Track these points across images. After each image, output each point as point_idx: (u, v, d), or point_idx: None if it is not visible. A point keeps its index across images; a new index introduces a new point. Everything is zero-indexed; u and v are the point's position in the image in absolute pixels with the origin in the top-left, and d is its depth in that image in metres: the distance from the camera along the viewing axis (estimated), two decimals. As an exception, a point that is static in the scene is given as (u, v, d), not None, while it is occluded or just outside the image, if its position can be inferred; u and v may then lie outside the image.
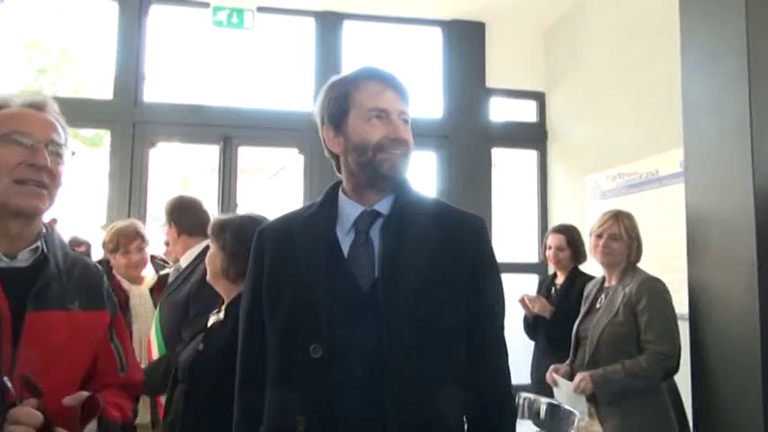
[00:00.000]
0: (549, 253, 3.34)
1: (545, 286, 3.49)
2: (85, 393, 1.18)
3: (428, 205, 1.35)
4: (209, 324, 1.85)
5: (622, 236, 2.47)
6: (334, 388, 1.18)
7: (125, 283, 2.79)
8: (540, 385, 2.99)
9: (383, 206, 1.30)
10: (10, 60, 5.13)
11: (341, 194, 1.34)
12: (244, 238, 1.80)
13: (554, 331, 3.10)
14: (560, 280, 3.36)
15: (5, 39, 4.59)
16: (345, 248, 1.27)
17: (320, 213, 1.33)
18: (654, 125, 3.65)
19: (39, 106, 1.26)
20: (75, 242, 3.58)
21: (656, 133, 3.61)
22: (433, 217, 1.31)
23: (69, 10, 6.52)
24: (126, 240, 2.82)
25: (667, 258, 3.38)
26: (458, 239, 1.29)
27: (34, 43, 8.62)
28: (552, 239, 3.34)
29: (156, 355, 2.30)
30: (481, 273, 1.30)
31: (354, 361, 1.19)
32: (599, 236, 2.51)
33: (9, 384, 1.07)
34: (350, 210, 1.31)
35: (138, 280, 2.86)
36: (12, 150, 1.17)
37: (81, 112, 4.64)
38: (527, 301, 3.26)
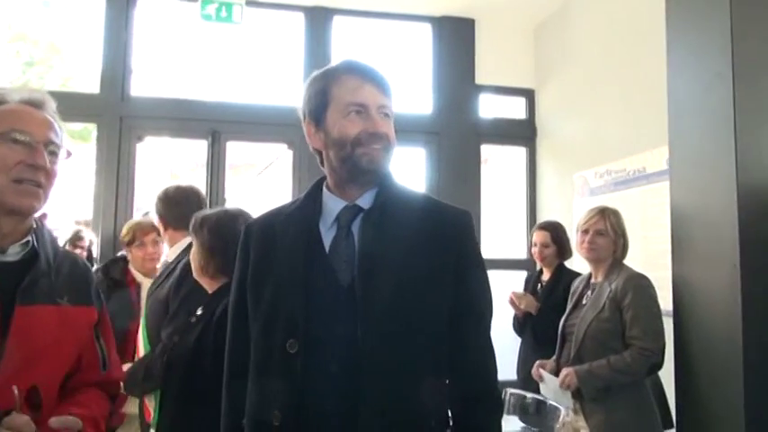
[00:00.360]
0: (535, 250, 3.37)
1: (531, 283, 3.50)
2: (72, 418, 1.17)
3: (412, 200, 1.33)
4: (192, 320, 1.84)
5: (608, 232, 2.49)
6: (310, 383, 1.18)
7: (138, 276, 2.90)
8: (527, 381, 3.00)
9: (365, 201, 1.30)
10: (-4, 53, 5.07)
11: (324, 189, 1.34)
12: (221, 233, 1.81)
13: (540, 327, 3.12)
14: (546, 276, 3.38)
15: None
16: (327, 243, 1.27)
17: (304, 208, 1.33)
18: (642, 122, 3.67)
19: (37, 104, 1.26)
20: (77, 237, 3.55)
21: (644, 130, 3.63)
22: (416, 212, 1.29)
23: (56, 1, 6.45)
24: (141, 233, 2.93)
25: (655, 255, 3.41)
26: (441, 235, 1.27)
27: (21, 35, 8.53)
28: (537, 236, 3.37)
29: (142, 353, 2.29)
30: (465, 269, 1.28)
31: (331, 356, 1.19)
32: (585, 231, 2.53)
33: (16, 392, 1.09)
34: (332, 205, 1.31)
35: (151, 272, 2.90)
36: (10, 149, 1.17)
37: (68, 106, 4.56)
38: (515, 299, 3.27)
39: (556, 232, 3.34)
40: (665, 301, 2.96)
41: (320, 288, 1.23)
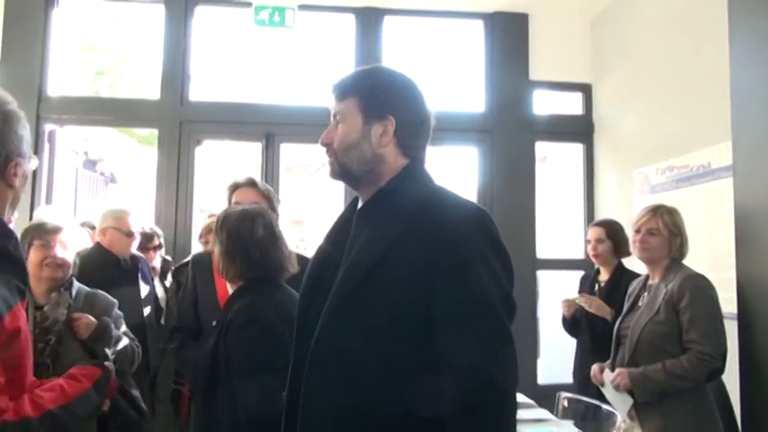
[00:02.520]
0: (589, 247, 3.25)
1: (588, 283, 3.35)
2: None
3: (409, 199, 1.23)
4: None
5: (660, 231, 2.38)
6: (292, 377, 1.27)
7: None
8: (583, 385, 2.93)
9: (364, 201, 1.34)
10: (70, 63, 5.36)
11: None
12: (240, 240, 1.81)
13: (599, 329, 3.00)
14: (604, 276, 3.24)
15: (65, 42, 4.79)
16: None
17: (346, 211, 1.39)
18: (706, 116, 3.49)
19: None
20: (147, 236, 3.70)
21: (708, 124, 3.45)
22: (404, 211, 1.21)
23: (123, 14, 6.77)
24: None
25: (721, 255, 3.24)
26: (425, 236, 1.17)
27: (93, 46, 9.00)
28: (592, 233, 3.26)
29: None
30: (446, 272, 1.14)
31: (302, 351, 1.23)
32: (637, 231, 2.44)
33: None
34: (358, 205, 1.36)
35: None
36: None
37: (134, 113, 4.83)
38: (582, 302, 3.13)
39: (611, 228, 3.22)
40: (732, 302, 2.83)
41: (325, 282, 1.26)
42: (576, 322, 3.19)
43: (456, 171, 5.49)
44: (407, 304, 1.14)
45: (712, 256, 3.31)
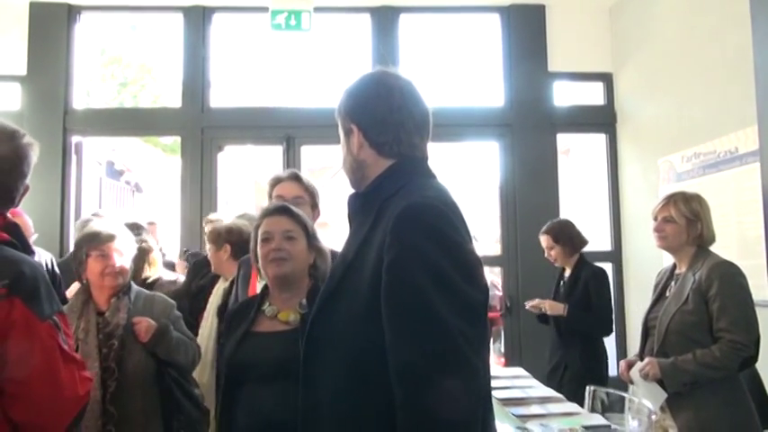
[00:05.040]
0: (546, 254, 3.52)
1: (557, 280, 3.59)
2: None
3: (380, 198, 1.24)
4: None
5: (675, 218, 2.34)
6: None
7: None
8: (551, 375, 3.34)
9: None
10: (94, 76, 5.47)
11: None
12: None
13: (565, 325, 3.34)
14: (568, 272, 3.49)
15: (88, 56, 4.90)
16: None
17: None
18: (731, 100, 3.42)
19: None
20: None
21: (734, 108, 3.37)
22: (373, 210, 1.22)
23: (142, 24, 6.89)
24: None
25: (750, 242, 3.17)
26: (381, 234, 1.15)
27: (116, 59, 9.18)
28: (542, 241, 3.52)
29: None
30: (387, 266, 1.10)
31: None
32: (654, 219, 2.41)
33: None
34: None
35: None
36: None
37: (156, 121, 4.91)
38: (535, 307, 3.46)
39: (555, 232, 3.46)
40: (764, 289, 2.76)
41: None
42: (544, 316, 3.50)
43: (477, 167, 5.47)
44: (369, 303, 1.12)
45: (741, 242, 3.24)
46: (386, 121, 1.27)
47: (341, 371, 1.16)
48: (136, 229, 3.38)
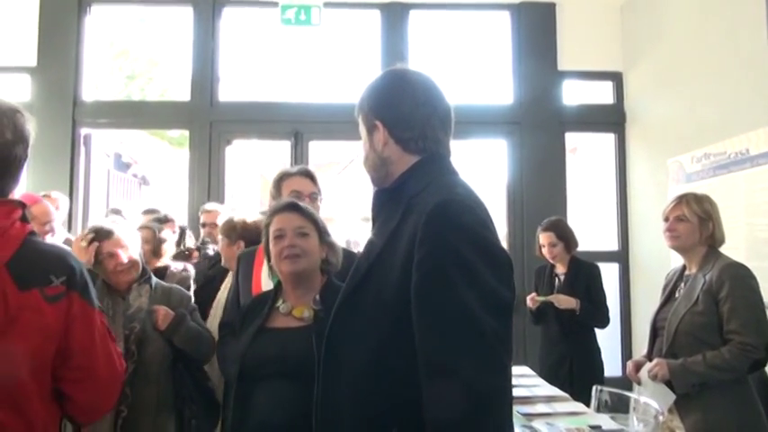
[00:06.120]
0: (544, 250, 3.57)
1: (546, 278, 3.63)
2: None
3: (407, 195, 1.23)
4: None
5: (688, 217, 2.33)
6: None
7: None
8: (549, 373, 3.27)
9: None
10: (101, 69, 5.48)
11: None
12: None
13: (580, 319, 3.40)
14: (561, 270, 3.57)
15: (97, 48, 4.91)
16: None
17: None
18: (743, 100, 3.39)
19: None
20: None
21: (746, 109, 3.35)
22: (401, 206, 1.21)
23: (151, 17, 6.89)
24: None
25: (760, 244, 3.15)
26: (410, 230, 1.14)
27: (123, 52, 9.19)
28: (543, 238, 3.57)
29: None
30: (418, 264, 1.09)
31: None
32: (666, 220, 2.41)
33: None
34: None
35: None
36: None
37: (165, 114, 4.92)
38: (534, 301, 3.51)
39: (559, 229, 3.53)
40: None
41: None
42: (540, 313, 3.53)
43: (485, 164, 5.45)
44: (398, 299, 1.11)
45: (751, 244, 3.22)
46: (412, 118, 1.26)
47: (362, 367, 1.15)
48: (158, 219, 3.41)
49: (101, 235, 2.31)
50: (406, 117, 1.26)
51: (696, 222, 2.32)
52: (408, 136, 1.26)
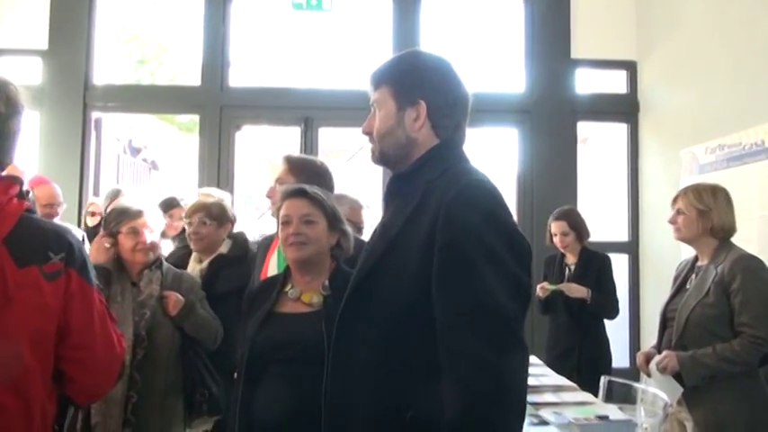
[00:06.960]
0: (556, 239, 3.56)
1: (556, 267, 3.63)
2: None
3: (425, 179, 1.21)
4: None
5: (684, 210, 2.32)
6: None
7: None
8: (557, 362, 3.24)
9: None
10: (112, 53, 5.48)
11: None
12: None
13: (591, 309, 3.38)
14: (571, 260, 3.57)
15: (108, 32, 4.90)
16: None
17: None
18: (759, 91, 3.35)
19: None
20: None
21: (763, 100, 3.31)
22: (418, 190, 1.20)
23: (162, 1, 6.87)
24: None
25: (774, 236, 3.11)
26: (430, 215, 1.13)
27: (134, 36, 9.18)
28: (555, 227, 3.56)
29: None
30: (442, 248, 1.09)
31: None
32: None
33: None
34: None
35: None
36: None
37: (175, 99, 4.92)
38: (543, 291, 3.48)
39: (572, 219, 3.53)
40: (786, 285, 2.70)
41: None
42: (549, 303, 3.51)
43: (495, 153, 5.42)
44: (417, 282, 1.11)
45: (764, 236, 3.18)
46: (455, 106, 1.26)
47: (376, 350, 1.14)
48: (169, 203, 3.45)
49: (130, 215, 2.31)
50: (450, 104, 1.26)
51: (694, 215, 2.30)
52: (447, 123, 1.25)
